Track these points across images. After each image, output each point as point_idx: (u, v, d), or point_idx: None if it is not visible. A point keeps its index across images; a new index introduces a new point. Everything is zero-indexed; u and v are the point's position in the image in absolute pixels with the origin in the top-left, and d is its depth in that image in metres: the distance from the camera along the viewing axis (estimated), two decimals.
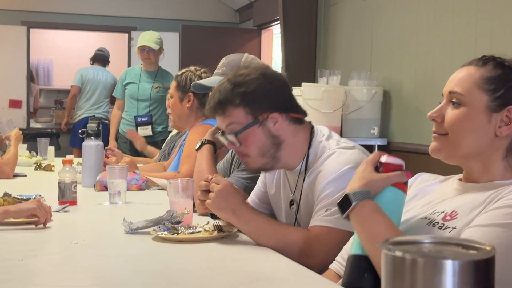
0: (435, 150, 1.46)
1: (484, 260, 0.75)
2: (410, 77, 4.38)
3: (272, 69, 2.10)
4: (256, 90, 1.93)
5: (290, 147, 1.97)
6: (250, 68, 2.01)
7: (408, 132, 4.38)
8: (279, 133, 1.95)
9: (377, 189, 1.42)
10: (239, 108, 1.93)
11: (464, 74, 1.44)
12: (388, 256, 0.77)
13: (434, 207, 1.46)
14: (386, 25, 4.67)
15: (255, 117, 1.93)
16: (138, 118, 5.38)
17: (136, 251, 1.84)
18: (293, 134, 1.98)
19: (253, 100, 1.93)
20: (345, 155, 1.91)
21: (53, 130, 8.62)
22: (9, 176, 3.62)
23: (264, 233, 1.86)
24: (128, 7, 8.67)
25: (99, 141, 3.26)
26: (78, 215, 2.48)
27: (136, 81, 5.46)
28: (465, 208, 1.37)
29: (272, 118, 1.94)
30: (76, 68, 8.93)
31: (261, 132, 1.94)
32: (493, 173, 1.42)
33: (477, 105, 1.41)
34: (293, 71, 5.56)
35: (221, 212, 1.92)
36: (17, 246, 1.88)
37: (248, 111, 1.93)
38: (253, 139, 1.94)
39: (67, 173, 2.61)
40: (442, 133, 1.44)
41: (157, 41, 5.39)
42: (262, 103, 1.94)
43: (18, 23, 8.41)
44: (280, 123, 1.95)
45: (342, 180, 1.83)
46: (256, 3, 7.87)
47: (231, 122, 1.95)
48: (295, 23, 5.64)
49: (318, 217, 1.85)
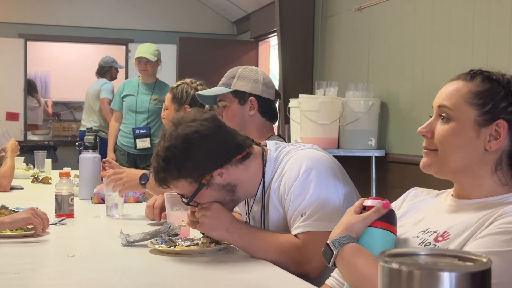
0: (425, 165, 1.46)
1: (480, 272, 0.75)
2: (407, 88, 4.39)
3: (194, 119, 1.92)
4: (189, 160, 1.85)
5: (246, 183, 1.95)
6: (172, 137, 1.88)
7: (406, 144, 4.39)
8: (229, 180, 1.91)
9: (357, 230, 1.42)
10: (180, 181, 1.88)
11: (452, 89, 1.43)
12: (384, 268, 0.77)
13: (426, 225, 1.45)
14: (383, 37, 4.69)
15: (199, 183, 1.88)
16: (136, 130, 5.38)
17: (134, 264, 1.84)
18: (245, 171, 1.94)
19: (189, 171, 1.86)
20: (302, 154, 1.92)
21: (50, 143, 8.62)
22: (6, 189, 3.62)
23: (259, 246, 1.86)
24: (126, 20, 8.69)
25: (96, 153, 3.26)
26: (75, 228, 2.47)
27: (134, 93, 5.46)
28: (457, 229, 1.36)
29: (216, 174, 1.89)
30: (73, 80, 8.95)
31: (210, 191, 1.90)
32: (483, 188, 1.41)
33: (466, 119, 1.40)
34: (291, 82, 5.57)
35: (215, 232, 1.91)
36: (14, 259, 1.87)
37: (190, 180, 1.87)
38: (205, 198, 1.91)
39: (64, 186, 2.61)
40: (432, 148, 1.44)
41: (155, 52, 5.40)
42: (200, 168, 1.87)
43: (15, 35, 8.43)
44: (226, 173, 1.90)
45: (306, 184, 1.85)
46: (253, 15, 7.90)
47: (180, 192, 1.93)
48: (292, 34, 5.66)
49: (297, 224, 1.85)
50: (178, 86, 3.41)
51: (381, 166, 4.58)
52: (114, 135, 5.61)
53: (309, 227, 1.82)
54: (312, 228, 1.82)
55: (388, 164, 4.56)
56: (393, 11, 4.57)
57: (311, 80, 5.60)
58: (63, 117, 10.26)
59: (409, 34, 4.36)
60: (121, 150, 5.52)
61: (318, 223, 1.82)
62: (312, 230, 1.82)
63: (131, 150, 5.42)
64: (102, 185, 3.13)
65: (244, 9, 8.10)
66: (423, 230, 1.43)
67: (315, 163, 1.89)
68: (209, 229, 1.91)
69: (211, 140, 1.88)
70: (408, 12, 4.38)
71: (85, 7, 8.60)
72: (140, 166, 5.13)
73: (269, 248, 1.85)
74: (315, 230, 1.81)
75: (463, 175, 1.43)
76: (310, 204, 1.83)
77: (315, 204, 1.83)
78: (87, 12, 8.60)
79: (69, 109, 10.29)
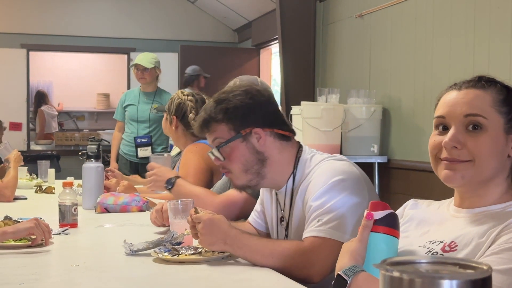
0: (456, 178, 1.40)
1: (481, 280, 0.75)
2: (409, 94, 4.40)
3: (261, 87, 2.13)
4: (237, 106, 1.97)
5: (276, 164, 1.98)
6: (236, 86, 2.06)
7: (408, 149, 4.39)
8: (263, 149, 1.97)
9: (361, 254, 1.39)
10: (221, 124, 1.98)
11: (472, 97, 1.41)
12: (386, 277, 0.78)
13: (432, 236, 1.44)
14: (384, 43, 4.70)
15: (237, 132, 1.96)
16: (138, 139, 5.40)
17: (137, 273, 1.84)
18: (279, 151, 1.99)
19: (234, 115, 1.97)
20: (335, 165, 1.93)
21: (53, 152, 8.64)
22: (10, 199, 3.62)
23: (260, 254, 1.85)
24: (127, 29, 8.72)
25: (99, 163, 3.27)
26: (79, 237, 2.48)
27: (135, 102, 5.48)
28: (464, 239, 1.35)
29: (255, 133, 1.96)
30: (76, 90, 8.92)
31: (244, 147, 1.96)
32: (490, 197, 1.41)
33: (497, 127, 1.39)
34: (292, 89, 5.58)
35: (213, 247, 1.91)
36: (18, 270, 1.88)
37: (231, 127, 1.97)
38: (237, 154, 1.96)
39: (67, 196, 2.61)
40: (466, 159, 1.39)
41: (152, 60, 5.42)
42: (244, 118, 1.97)
43: (17, 46, 8.46)
44: (264, 139, 1.97)
45: (333, 191, 1.85)
46: (254, 22, 7.92)
47: (215, 137, 2.00)
48: (293, 42, 5.67)
49: (311, 228, 1.85)
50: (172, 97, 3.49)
51: (383, 172, 4.58)
52: (116, 145, 5.65)
53: (322, 232, 1.82)
54: (324, 234, 1.82)
55: (390, 170, 4.56)
56: (393, 18, 4.58)
57: (313, 87, 5.61)
58: (66, 126, 10.28)
59: (410, 40, 4.37)
60: (123, 159, 5.55)
61: (332, 231, 1.81)
62: (324, 236, 1.82)
63: (132, 158, 5.45)
64: (105, 195, 3.14)
65: (245, 17, 8.12)
66: (430, 241, 1.42)
67: (344, 175, 1.89)
68: (208, 245, 1.91)
69: (264, 102, 2.02)
70: (409, 18, 4.39)
71: (87, 17, 8.63)
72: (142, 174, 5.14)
73: (272, 254, 1.84)
74: (326, 236, 1.81)
75: (488, 183, 1.42)
76: (329, 211, 1.83)
77: (335, 213, 1.83)
78: (89, 22, 8.64)
79: (72, 119, 10.31)
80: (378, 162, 4.56)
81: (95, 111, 10.32)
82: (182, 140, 3.45)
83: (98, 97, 10.25)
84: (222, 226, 1.89)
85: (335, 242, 1.80)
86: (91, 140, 3.33)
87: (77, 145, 9.00)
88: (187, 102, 3.40)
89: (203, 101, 3.42)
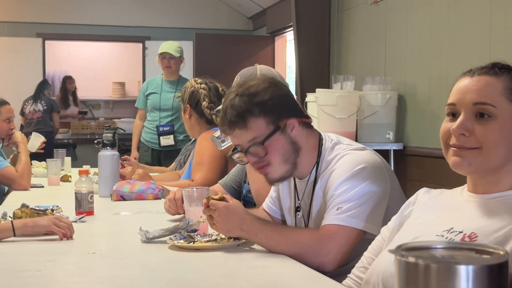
0: (462, 164, 1.41)
1: (497, 265, 0.75)
2: (424, 81, 4.37)
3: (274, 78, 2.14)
4: (272, 97, 1.95)
5: (306, 153, 1.99)
6: (257, 78, 2.03)
7: (424, 136, 4.37)
8: (297, 139, 1.97)
9: None
10: (259, 118, 1.93)
11: (483, 85, 1.40)
12: (401, 262, 0.77)
13: (449, 223, 1.43)
14: (400, 29, 4.67)
15: (276, 124, 1.94)
16: (160, 128, 5.41)
17: (153, 260, 1.85)
18: (307, 139, 2.00)
19: (272, 108, 1.94)
20: (357, 155, 1.93)
21: (69, 141, 8.68)
22: (27, 187, 3.64)
23: (276, 241, 1.85)
24: (142, 17, 8.72)
25: (115, 151, 3.28)
26: (95, 225, 2.49)
27: (158, 91, 5.48)
28: (485, 231, 1.34)
29: (290, 124, 1.96)
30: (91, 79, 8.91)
31: (283, 139, 1.95)
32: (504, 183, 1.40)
33: (507, 115, 1.38)
34: (307, 77, 5.56)
35: (230, 233, 1.92)
36: (35, 256, 1.89)
37: (269, 120, 1.94)
38: (277, 147, 1.94)
39: (83, 184, 2.63)
40: (473, 147, 1.39)
41: (178, 49, 5.44)
42: (280, 110, 1.96)
43: (33, 35, 8.50)
44: (296, 129, 1.97)
45: (355, 179, 1.86)
46: (269, 10, 7.89)
47: (253, 133, 1.94)
48: (308, 29, 5.65)
49: (330, 215, 1.85)
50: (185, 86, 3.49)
51: (399, 159, 4.56)
52: (137, 133, 5.66)
53: (340, 221, 1.82)
54: (342, 223, 1.82)
55: (406, 157, 4.54)
56: (409, 4, 4.55)
57: (328, 74, 5.59)
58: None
59: (426, 26, 4.33)
60: (144, 146, 5.55)
61: (350, 219, 1.81)
62: (341, 224, 1.82)
63: (155, 146, 5.46)
64: (121, 182, 3.15)
65: (260, 4, 8.09)
66: (447, 229, 1.41)
67: (366, 164, 1.89)
68: (225, 231, 1.92)
69: (289, 92, 2.03)
70: (424, 4, 4.35)
71: (102, 6, 8.65)
72: (164, 162, 5.16)
73: (287, 241, 1.84)
74: (344, 225, 1.82)
75: (498, 170, 1.40)
76: (349, 200, 1.84)
77: (355, 201, 1.83)
78: (104, 11, 8.65)
79: (88, 107, 10.35)
80: (394, 149, 4.55)
81: (111, 99, 10.35)
82: (196, 128, 3.46)
83: (113, 85, 10.27)
84: (239, 212, 1.89)
85: (352, 230, 1.81)
86: (107, 129, 3.34)
87: (93, 133, 9.04)
88: (200, 90, 3.40)
89: (216, 89, 3.43)
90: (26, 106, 7.93)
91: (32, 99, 7.96)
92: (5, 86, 8.06)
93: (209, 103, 3.37)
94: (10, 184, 3.68)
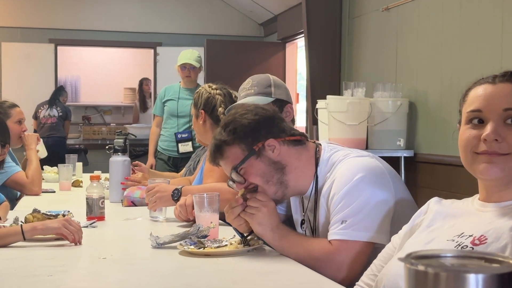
0: (496, 170, 1.40)
1: (507, 274, 0.74)
2: (435, 88, 4.36)
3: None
4: (244, 124, 1.96)
5: (296, 170, 1.98)
6: (237, 106, 2.09)
7: (435, 144, 4.35)
8: (279, 158, 1.96)
9: None
10: (233, 147, 1.96)
11: (510, 91, 1.42)
12: (410, 271, 0.77)
13: (461, 229, 1.43)
14: (411, 36, 4.66)
15: (250, 149, 1.94)
16: (179, 135, 5.41)
17: (163, 265, 1.86)
18: (297, 157, 1.99)
19: (243, 134, 1.95)
20: (355, 162, 1.92)
21: (81, 146, 8.70)
22: (38, 193, 3.66)
23: (295, 251, 1.89)
24: (153, 23, 8.75)
25: (126, 156, 3.29)
26: (106, 230, 2.50)
27: (175, 98, 5.49)
28: (494, 233, 1.35)
29: (268, 145, 1.95)
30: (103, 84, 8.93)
31: (259, 162, 1.94)
32: None
33: None
34: (318, 83, 5.56)
35: (260, 227, 1.94)
36: (46, 262, 1.90)
37: (243, 147, 1.95)
38: (253, 170, 1.95)
39: (94, 189, 2.64)
40: (506, 152, 1.40)
41: (198, 59, 5.47)
42: (254, 134, 1.96)
43: (45, 40, 8.55)
44: (278, 149, 1.96)
45: (355, 190, 1.85)
46: (280, 16, 7.90)
47: (232, 162, 1.96)
48: (319, 35, 5.65)
49: (334, 230, 1.85)
50: (198, 91, 3.45)
51: (410, 166, 4.55)
52: (155, 140, 5.65)
53: (345, 235, 1.82)
54: (348, 237, 1.82)
55: (417, 164, 4.52)
56: (420, 11, 4.54)
57: (339, 81, 5.59)
58: (93, 120, 10.36)
59: (437, 33, 4.33)
60: (161, 155, 5.53)
61: (355, 233, 1.81)
62: (347, 239, 1.82)
63: (172, 154, 5.45)
64: (132, 188, 3.16)
65: (271, 11, 8.10)
66: (458, 234, 1.41)
67: (366, 171, 1.88)
68: (256, 223, 1.94)
69: (270, 115, 2.02)
70: (436, 11, 4.35)
71: (113, 12, 8.69)
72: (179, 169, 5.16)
73: (304, 254, 1.86)
74: (350, 239, 1.82)
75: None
76: (353, 213, 1.83)
77: (358, 213, 1.83)
78: (115, 17, 8.69)
79: (99, 113, 10.39)
80: (405, 156, 4.53)
81: (122, 105, 10.38)
82: (209, 134, 3.43)
83: (125, 91, 10.31)
84: (278, 217, 1.96)
85: (359, 243, 1.81)
86: (118, 134, 3.35)
87: (104, 139, 9.07)
88: (217, 96, 3.37)
89: (230, 95, 3.41)
90: (40, 110, 7.98)
91: (47, 104, 8.01)
92: (17, 91, 8.11)
93: (225, 109, 3.37)
94: (22, 190, 3.70)
